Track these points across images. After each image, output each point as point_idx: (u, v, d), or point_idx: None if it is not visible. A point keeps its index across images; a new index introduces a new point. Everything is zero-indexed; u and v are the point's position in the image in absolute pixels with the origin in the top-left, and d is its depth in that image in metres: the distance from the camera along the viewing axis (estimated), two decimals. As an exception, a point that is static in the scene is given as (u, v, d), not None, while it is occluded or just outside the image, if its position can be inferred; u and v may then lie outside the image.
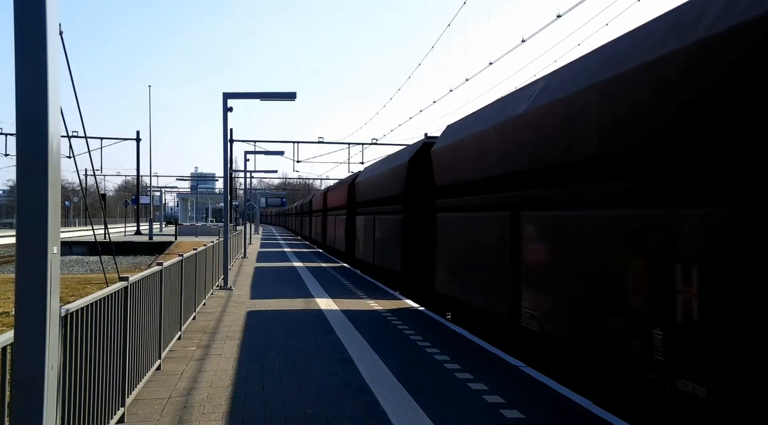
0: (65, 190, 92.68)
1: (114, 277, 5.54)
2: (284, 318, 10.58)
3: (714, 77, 4.28)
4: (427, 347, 8.30)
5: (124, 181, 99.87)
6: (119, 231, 59.64)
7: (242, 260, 24.27)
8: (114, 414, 4.94)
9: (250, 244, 37.16)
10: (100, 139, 49.34)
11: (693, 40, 4.51)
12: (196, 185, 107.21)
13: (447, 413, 5.51)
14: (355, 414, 5.49)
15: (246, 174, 34.88)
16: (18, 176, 3.29)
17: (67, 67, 4.87)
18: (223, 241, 15.79)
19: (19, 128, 3.28)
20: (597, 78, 5.75)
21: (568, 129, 6.20)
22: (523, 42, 15.40)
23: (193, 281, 10.15)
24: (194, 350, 8.11)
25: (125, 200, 57.50)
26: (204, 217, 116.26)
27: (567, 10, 13.82)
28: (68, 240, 41.92)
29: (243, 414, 5.48)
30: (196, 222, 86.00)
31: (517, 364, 7.35)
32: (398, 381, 6.53)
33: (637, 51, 5.25)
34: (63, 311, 3.65)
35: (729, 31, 4.17)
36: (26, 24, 3.28)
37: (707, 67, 4.34)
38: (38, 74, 3.27)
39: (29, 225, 3.26)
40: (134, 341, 5.60)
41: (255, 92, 15.27)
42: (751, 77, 3.98)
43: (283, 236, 53.07)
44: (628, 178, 5.25)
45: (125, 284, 5.21)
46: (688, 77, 4.52)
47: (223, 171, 16.65)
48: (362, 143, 47.16)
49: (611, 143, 5.49)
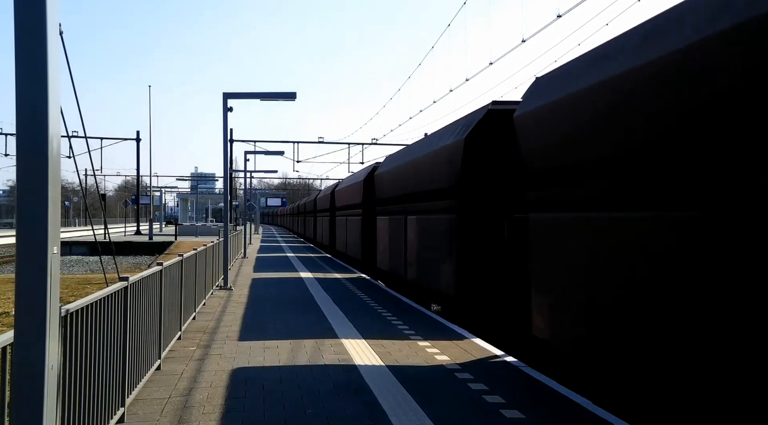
0: (65, 190, 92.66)
1: (114, 277, 5.54)
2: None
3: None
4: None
5: (124, 181, 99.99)
6: (119, 231, 59.67)
7: (242, 260, 24.28)
8: (114, 414, 4.94)
9: (250, 244, 37.20)
10: (100, 139, 49.45)
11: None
12: (196, 185, 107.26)
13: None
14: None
15: (246, 174, 34.87)
16: (18, 176, 3.29)
17: (68, 67, 4.87)
18: (223, 241, 15.80)
19: (19, 128, 3.28)
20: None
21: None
22: (523, 42, 15.41)
23: (193, 281, 10.15)
24: (194, 350, 8.11)
25: (125, 200, 57.53)
26: (204, 217, 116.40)
27: (567, 10, 13.82)
28: (68, 240, 41.92)
29: (243, 414, 5.48)
30: (196, 222, 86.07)
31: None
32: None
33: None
34: (63, 311, 3.65)
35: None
36: (26, 24, 3.28)
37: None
38: (38, 74, 3.27)
39: (29, 225, 3.26)
40: (134, 341, 5.60)
41: (255, 92, 15.27)
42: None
43: (285, 238, 53.07)
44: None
45: (125, 284, 5.20)
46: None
47: (223, 171, 16.66)
48: (362, 143, 47.22)
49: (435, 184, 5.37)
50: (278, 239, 48.13)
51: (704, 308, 4.23)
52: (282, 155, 31.39)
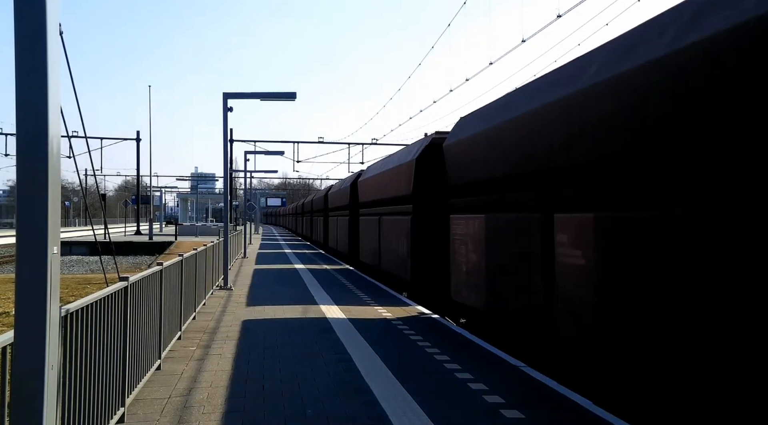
0: (65, 190, 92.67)
1: (114, 277, 5.55)
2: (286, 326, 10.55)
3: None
4: (436, 353, 8.30)
5: (124, 181, 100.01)
6: (119, 231, 59.66)
7: (242, 260, 24.28)
8: (114, 414, 4.94)
9: (250, 244, 37.19)
10: (100, 139, 49.43)
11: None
12: (196, 185, 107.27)
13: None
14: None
15: (246, 174, 34.87)
16: (18, 176, 3.29)
17: (68, 67, 4.88)
18: (223, 241, 15.80)
19: (19, 128, 3.28)
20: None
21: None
22: (523, 42, 15.41)
23: (193, 281, 10.15)
24: (194, 350, 8.11)
25: (125, 200, 57.54)
26: (204, 217, 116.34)
27: (567, 10, 13.83)
28: (68, 240, 41.93)
29: (243, 413, 5.49)
30: (196, 222, 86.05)
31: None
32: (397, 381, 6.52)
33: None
34: (63, 311, 3.65)
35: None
36: (26, 24, 3.28)
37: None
38: (38, 74, 3.27)
39: (29, 225, 3.26)
40: (134, 341, 5.60)
41: (255, 92, 15.28)
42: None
43: (284, 238, 53.08)
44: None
45: (125, 284, 5.20)
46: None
47: (223, 171, 16.66)
48: (362, 143, 47.20)
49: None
50: (278, 238, 48.11)
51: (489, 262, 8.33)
52: (282, 155, 31.41)
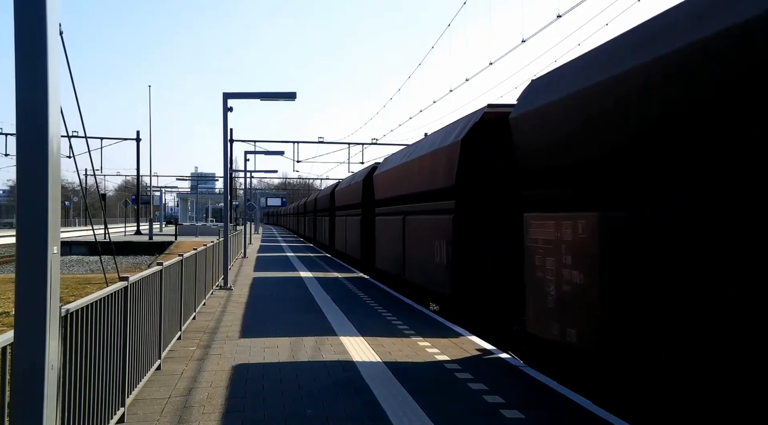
0: (65, 190, 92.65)
1: (114, 277, 5.54)
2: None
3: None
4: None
5: (124, 181, 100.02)
6: (119, 231, 59.63)
7: (242, 260, 24.28)
8: (114, 414, 4.94)
9: (250, 244, 37.19)
10: (100, 139, 49.46)
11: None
12: (196, 185, 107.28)
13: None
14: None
15: (246, 174, 34.88)
16: (18, 176, 3.29)
17: (68, 67, 4.87)
18: (223, 241, 15.80)
19: (19, 128, 3.28)
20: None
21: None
22: (523, 42, 15.41)
23: (193, 281, 10.15)
24: (194, 350, 8.11)
25: (125, 200, 57.54)
26: (204, 217, 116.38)
27: (567, 10, 13.83)
28: (68, 240, 41.90)
29: (243, 413, 5.49)
30: (196, 222, 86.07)
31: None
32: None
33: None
34: (63, 311, 3.65)
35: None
36: (26, 24, 3.28)
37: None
38: (38, 74, 3.27)
39: (29, 225, 3.26)
40: (134, 341, 5.60)
41: (255, 92, 15.28)
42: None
43: (285, 238, 53.06)
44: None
45: (125, 284, 5.20)
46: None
47: (223, 171, 16.67)
48: (362, 143, 47.23)
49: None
50: (278, 239, 48.11)
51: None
52: (282, 155, 31.41)
